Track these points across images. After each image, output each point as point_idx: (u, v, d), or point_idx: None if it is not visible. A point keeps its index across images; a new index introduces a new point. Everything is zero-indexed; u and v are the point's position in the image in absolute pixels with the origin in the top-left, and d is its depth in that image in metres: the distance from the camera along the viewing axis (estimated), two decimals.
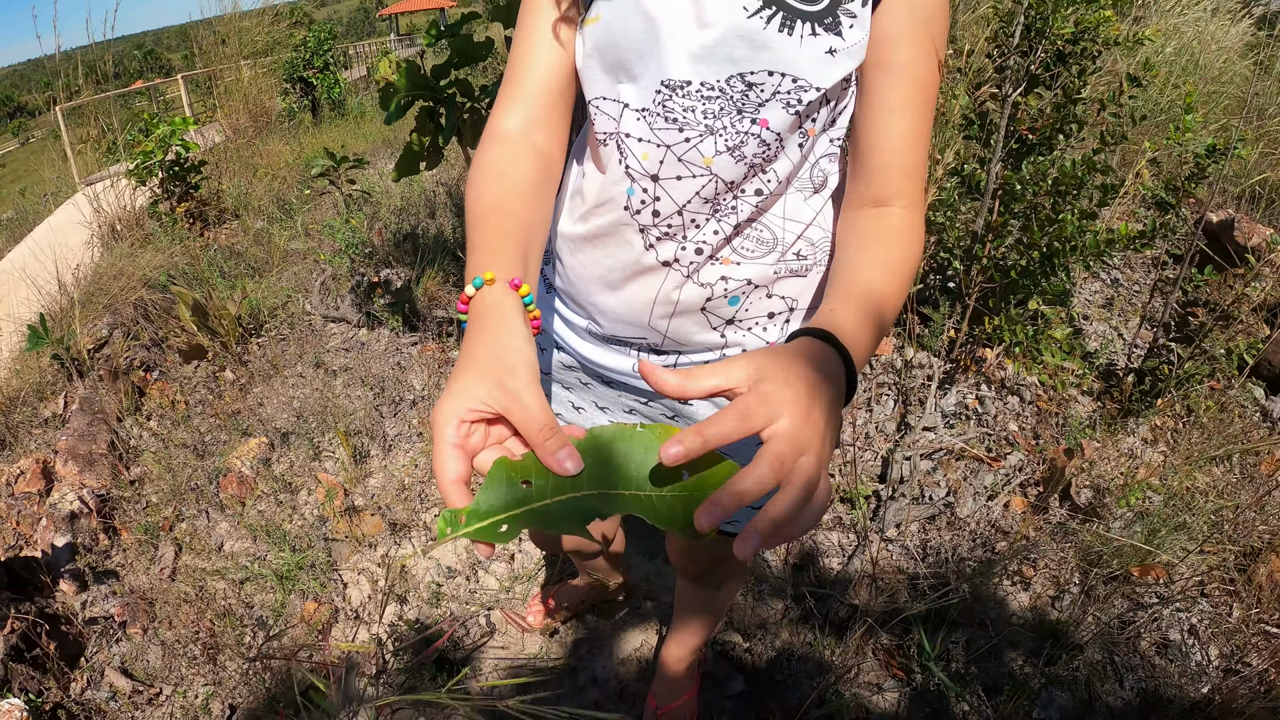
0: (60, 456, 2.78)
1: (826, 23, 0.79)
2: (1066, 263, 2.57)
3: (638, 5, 0.82)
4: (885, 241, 0.85)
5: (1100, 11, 2.45)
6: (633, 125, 0.85)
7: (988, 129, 2.73)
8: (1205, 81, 5.29)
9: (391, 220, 4.67)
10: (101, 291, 3.96)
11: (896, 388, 2.82)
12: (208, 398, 3.25)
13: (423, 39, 2.77)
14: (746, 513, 1.10)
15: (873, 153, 0.86)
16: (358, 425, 2.87)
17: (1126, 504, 2.15)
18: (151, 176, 5.38)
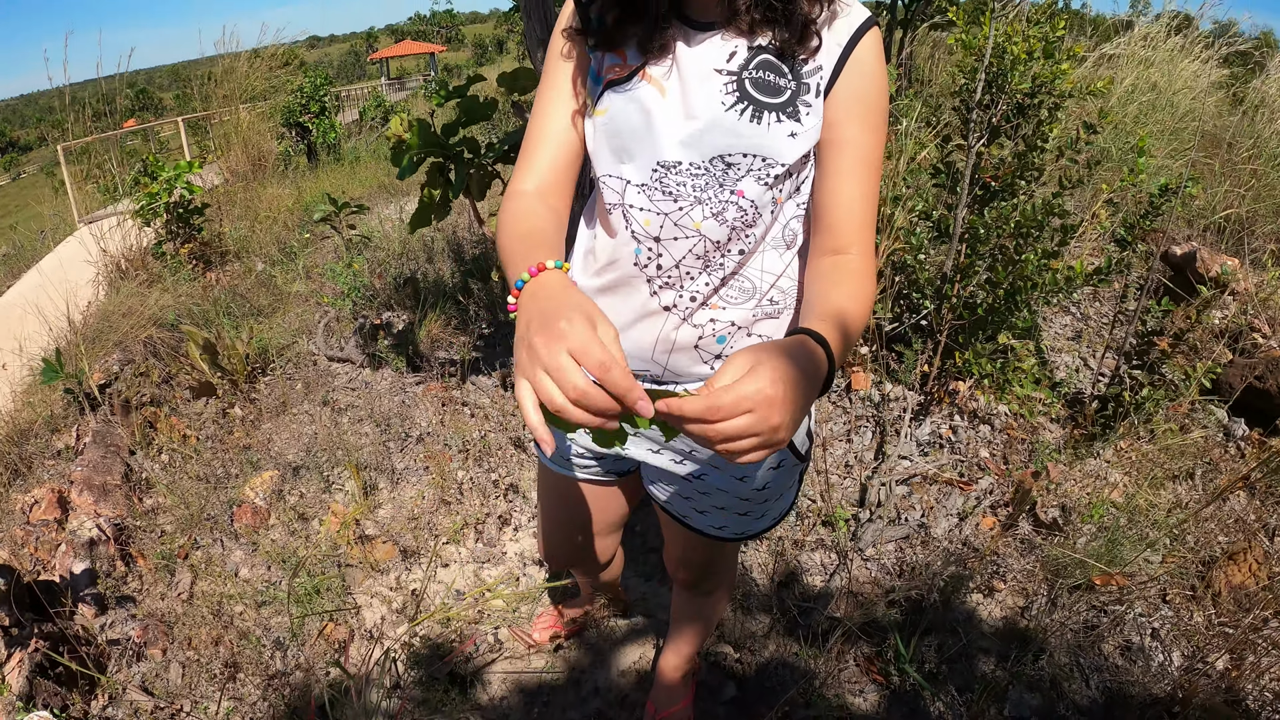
0: (75, 486, 2.90)
1: (788, 112, 1.02)
2: (1030, 300, 2.77)
3: (638, 101, 1.06)
4: (849, 280, 1.05)
5: (1057, 66, 2.68)
6: (635, 197, 1.08)
7: (954, 177, 2.94)
8: (1173, 119, 5.57)
9: (392, 265, 4.84)
10: (111, 329, 4.10)
11: (874, 420, 2.99)
12: (217, 433, 3.38)
13: (433, 100, 2.97)
14: (734, 518, 1.28)
15: (830, 212, 1.08)
16: (366, 459, 3.01)
17: (1091, 520, 2.32)
18: (156, 218, 5.55)
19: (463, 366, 3.57)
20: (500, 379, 3.45)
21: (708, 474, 1.26)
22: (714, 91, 1.03)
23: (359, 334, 3.98)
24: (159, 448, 3.26)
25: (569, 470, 1.43)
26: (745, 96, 1.02)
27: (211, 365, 3.60)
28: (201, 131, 10.98)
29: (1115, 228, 2.93)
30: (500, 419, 3.18)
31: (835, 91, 1.04)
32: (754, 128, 1.02)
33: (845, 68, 1.04)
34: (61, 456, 3.25)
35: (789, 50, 1.02)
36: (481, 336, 3.87)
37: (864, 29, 1.04)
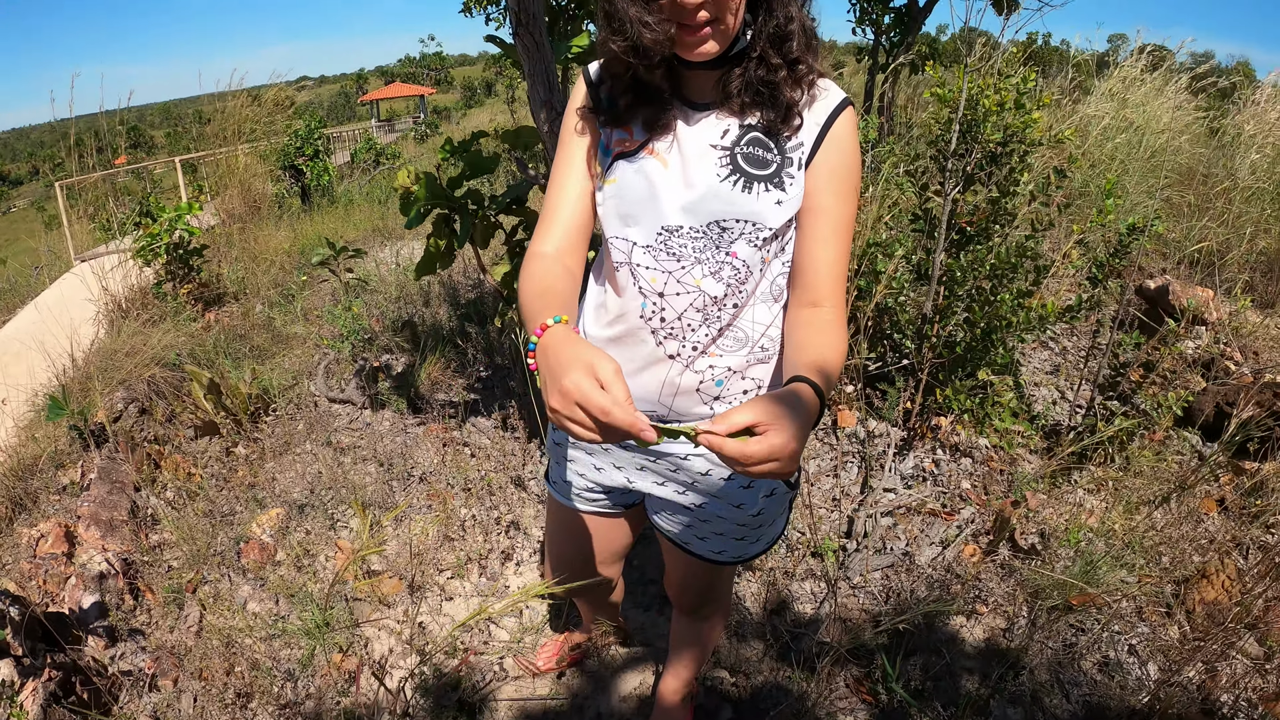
0: (82, 521, 2.98)
1: (774, 182, 1.20)
2: (1005, 338, 2.92)
3: (644, 173, 1.23)
4: (826, 331, 1.22)
5: (1027, 116, 2.84)
6: (641, 258, 1.24)
7: (931, 223, 3.09)
8: (1150, 155, 5.79)
9: (390, 308, 4.95)
10: (115, 367, 4.18)
11: (860, 455, 3.11)
12: (221, 471, 3.46)
13: (438, 153, 3.11)
14: (732, 543, 1.41)
15: (808, 271, 1.25)
16: (369, 497, 3.10)
17: (1068, 544, 2.44)
18: (157, 258, 5.66)
19: (462, 408, 3.67)
20: (500, 420, 3.55)
21: (708, 503, 1.40)
22: (710, 164, 1.20)
23: (359, 376, 4.08)
24: (163, 485, 3.34)
25: (577, 502, 1.55)
26: (737, 169, 1.19)
27: (215, 405, 3.69)
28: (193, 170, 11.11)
29: (1088, 266, 3.09)
30: (500, 459, 3.28)
31: (814, 164, 1.21)
32: (745, 196, 1.19)
33: (823, 144, 1.21)
34: (67, 492, 3.31)
35: (775, 128, 1.20)
36: (479, 379, 3.98)
37: (839, 109, 1.23)
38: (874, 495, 2.85)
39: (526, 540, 2.85)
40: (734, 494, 1.37)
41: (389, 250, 6.62)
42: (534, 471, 3.18)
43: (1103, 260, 3.00)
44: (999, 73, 3.08)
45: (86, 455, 3.46)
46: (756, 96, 1.20)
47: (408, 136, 27.32)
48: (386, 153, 15.04)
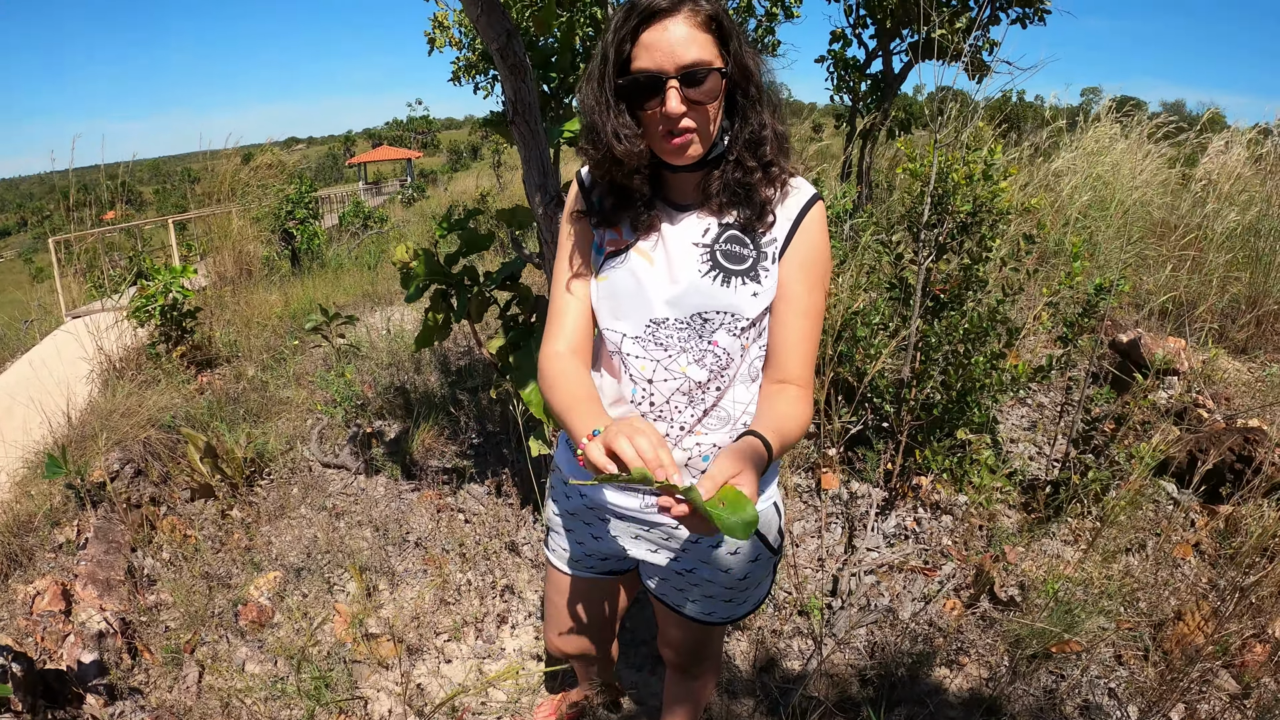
0: (79, 580, 3.03)
1: (751, 275, 1.34)
2: (979, 399, 3.06)
3: (631, 271, 1.38)
4: (791, 404, 1.35)
5: (995, 186, 3.02)
6: (631, 347, 1.39)
7: (907, 291, 3.25)
8: (1121, 209, 6.01)
9: (382, 375, 5.05)
10: (111, 428, 4.23)
11: (844, 516, 3.21)
12: (217, 534, 3.51)
13: (436, 230, 3.25)
14: (721, 605, 1.52)
15: (779, 352, 1.39)
16: (366, 562, 3.16)
17: (1047, 595, 2.55)
18: (151, 319, 5.75)
19: (456, 475, 3.76)
20: (493, 487, 3.63)
21: (698, 569, 1.52)
22: (692, 261, 1.34)
23: (353, 442, 4.16)
24: (159, 546, 3.38)
25: (577, 569, 1.66)
26: (717, 265, 1.34)
27: (211, 469, 3.75)
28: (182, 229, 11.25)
29: (1058, 326, 3.26)
30: (494, 524, 3.36)
31: (786, 257, 1.36)
32: (724, 290, 1.33)
33: (794, 237, 1.36)
34: (63, 550, 3.35)
35: (751, 225, 1.35)
36: (472, 446, 4.07)
37: (809, 205, 1.37)
38: (858, 554, 2.95)
39: (521, 604, 2.92)
40: (722, 559, 1.49)
41: (379, 315, 6.72)
42: (527, 537, 3.25)
43: (1072, 320, 3.15)
44: (967, 146, 3.26)
45: (82, 514, 3.51)
46: (734, 197, 1.34)
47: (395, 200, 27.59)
48: (374, 216, 15.25)
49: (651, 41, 1.24)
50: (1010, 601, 2.67)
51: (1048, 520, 3.07)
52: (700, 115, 1.26)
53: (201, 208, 10.04)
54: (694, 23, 1.24)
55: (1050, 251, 5.83)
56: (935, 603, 2.72)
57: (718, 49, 1.27)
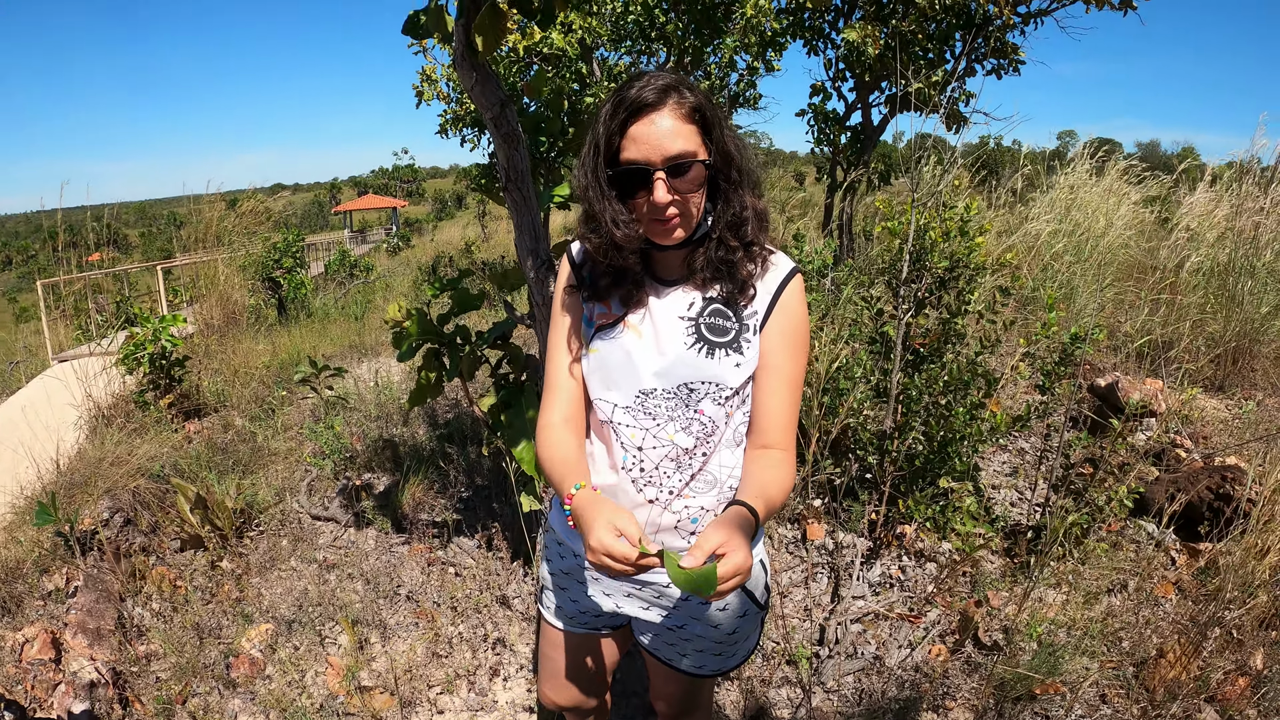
0: (69, 629, 3.04)
1: (734, 347, 1.43)
2: (960, 449, 3.15)
3: (621, 345, 1.46)
4: (773, 468, 1.43)
5: (971, 242, 3.14)
6: (621, 417, 1.47)
7: (887, 345, 3.35)
8: (1099, 253, 6.16)
9: (370, 427, 5.09)
10: (101, 476, 4.25)
11: (829, 566, 3.27)
12: (207, 585, 3.52)
13: (427, 290, 3.34)
14: (711, 658, 1.57)
15: (762, 419, 1.48)
16: (357, 614, 3.19)
17: (1030, 638, 2.60)
18: (139, 367, 5.78)
19: (446, 528, 3.80)
20: (483, 541, 3.67)
21: (689, 625, 1.58)
22: (678, 334, 1.43)
23: (342, 494, 4.19)
24: (149, 596, 3.39)
25: (571, 625, 1.72)
26: (701, 338, 1.43)
27: (201, 519, 3.77)
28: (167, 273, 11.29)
29: (1036, 375, 3.36)
30: (485, 578, 3.39)
31: (767, 328, 1.45)
32: (709, 361, 1.42)
33: (775, 310, 1.45)
34: (52, 598, 3.36)
35: (733, 299, 1.44)
36: (461, 500, 4.11)
37: (788, 279, 1.47)
38: (843, 603, 3.01)
39: (513, 656, 2.95)
40: (711, 616, 1.56)
41: (366, 367, 6.78)
42: (518, 590, 3.29)
43: (1049, 369, 3.26)
44: (944, 204, 3.39)
45: (72, 562, 3.52)
46: (717, 273, 1.43)
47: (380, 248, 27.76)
48: (360, 265, 15.34)
49: (639, 134, 1.33)
50: (994, 645, 2.73)
51: (1030, 565, 3.14)
52: (685, 202, 1.36)
53: (187, 252, 10.10)
54: (678, 115, 1.33)
55: (1028, 298, 5.99)
56: (921, 649, 2.78)
57: (701, 139, 1.36)
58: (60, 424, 5.47)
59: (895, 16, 7.77)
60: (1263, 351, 5.15)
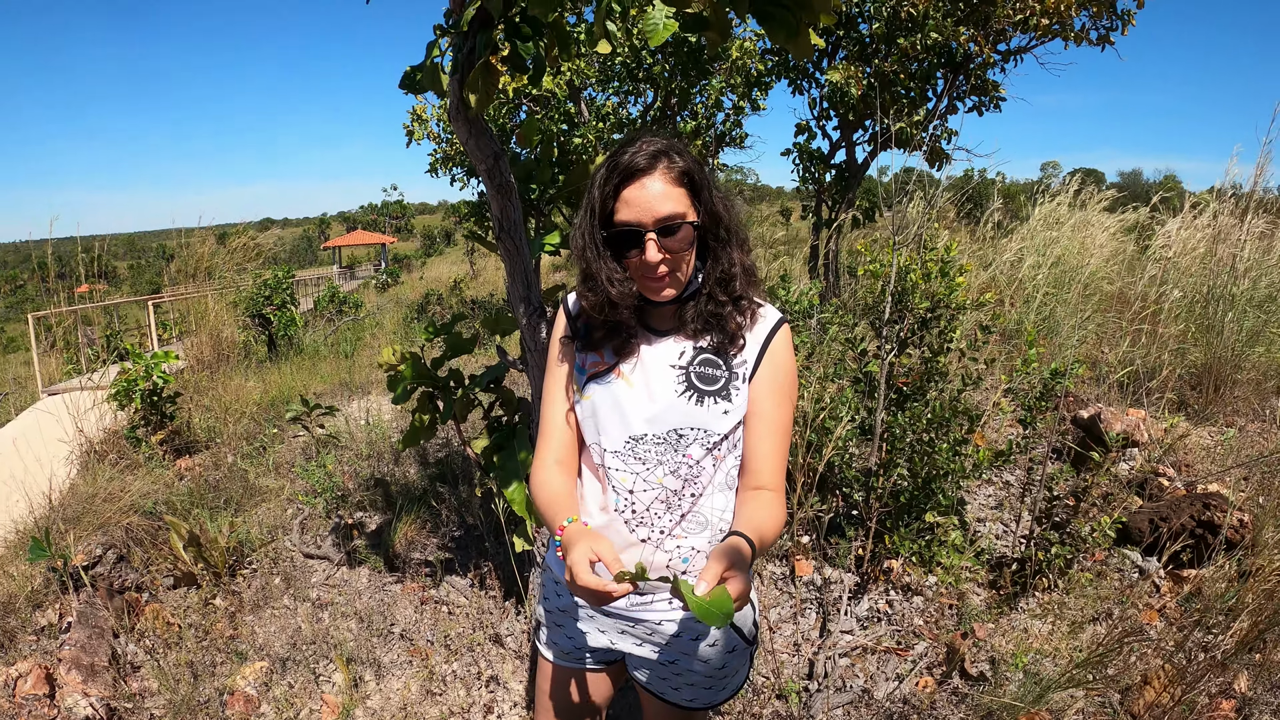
0: (63, 665, 3.07)
1: (723, 394, 1.52)
2: (944, 485, 3.22)
3: (612, 393, 1.55)
4: (765, 507, 1.50)
5: (951, 282, 3.23)
6: (612, 461, 1.55)
7: (872, 384, 3.43)
8: (1081, 284, 6.25)
9: (362, 465, 5.14)
10: (94, 512, 4.27)
11: (818, 601, 3.32)
12: (201, 622, 3.55)
13: (421, 335, 3.43)
14: (701, 691, 1.62)
15: (753, 462, 1.55)
16: (351, 653, 3.23)
17: (1016, 668, 2.66)
18: (131, 403, 5.81)
19: (438, 567, 3.84)
20: (475, 579, 3.71)
21: (680, 660, 1.64)
22: (669, 382, 1.52)
23: (335, 533, 4.23)
24: (142, 632, 3.41)
25: (567, 661, 1.78)
26: (691, 386, 1.51)
27: (195, 557, 3.80)
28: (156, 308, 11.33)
29: (1016, 410, 3.44)
30: (477, 616, 3.44)
31: (757, 377, 1.53)
32: (698, 409, 1.50)
33: (763, 360, 1.54)
34: (45, 634, 3.37)
35: (723, 349, 1.52)
36: (453, 539, 4.16)
37: (776, 329, 1.55)
38: (832, 638, 3.06)
39: (506, 694, 2.98)
40: (702, 651, 1.62)
41: (357, 405, 6.82)
42: (511, 628, 3.33)
43: (1030, 404, 3.34)
44: (924, 245, 3.49)
45: (65, 598, 3.53)
46: (707, 324, 1.52)
47: (369, 284, 27.86)
48: (349, 301, 15.41)
49: (631, 198, 1.43)
50: (980, 676, 2.78)
51: (1015, 596, 3.20)
52: (676, 260, 1.46)
53: (176, 286, 10.16)
54: (668, 179, 1.44)
55: (1011, 330, 6.10)
56: (908, 681, 2.83)
57: (690, 201, 1.46)
58: (52, 458, 5.50)
59: (878, 57, 7.95)
60: (1244, 378, 5.23)
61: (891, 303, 3.28)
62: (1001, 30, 7.67)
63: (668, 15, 1.71)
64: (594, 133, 7.78)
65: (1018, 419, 3.42)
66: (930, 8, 7.33)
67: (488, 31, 2.03)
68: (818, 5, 1.78)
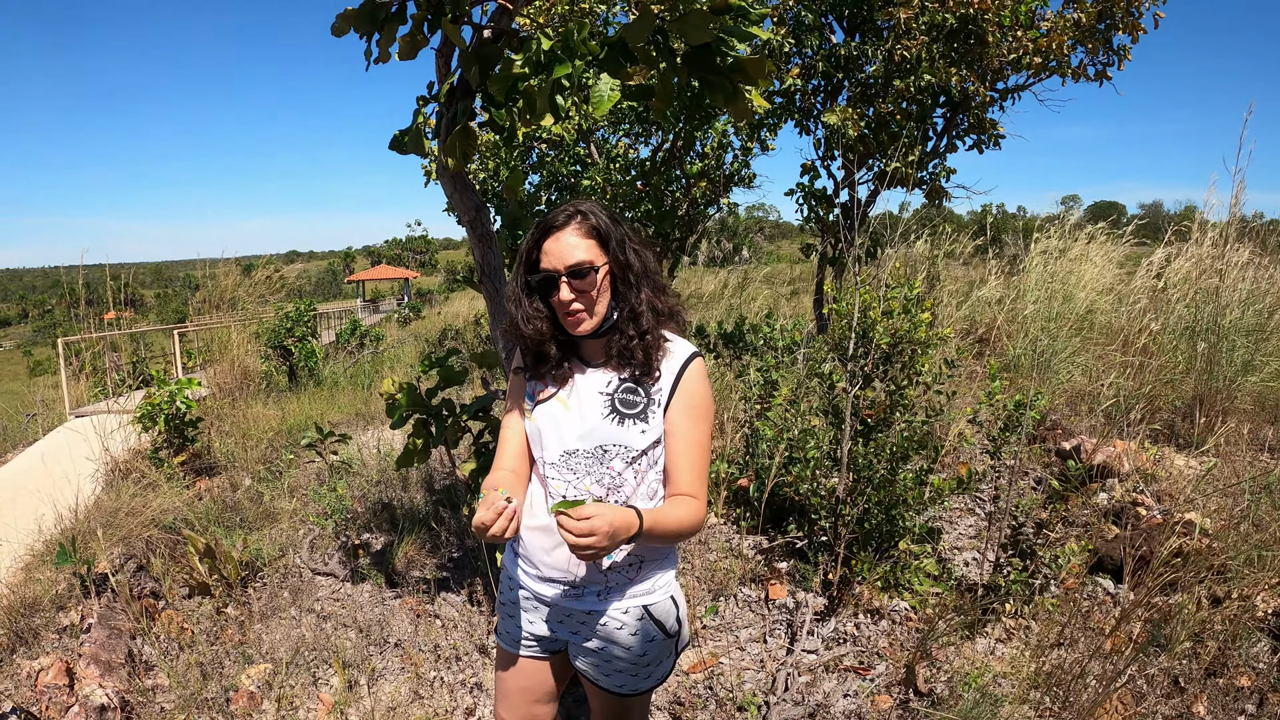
0: (83, 660, 3.34)
1: (641, 417, 1.80)
2: (904, 514, 3.41)
3: (551, 414, 1.86)
4: (675, 504, 1.79)
5: (915, 319, 3.44)
6: (550, 471, 1.86)
7: (839, 416, 3.64)
8: (1077, 316, 6.42)
9: (371, 491, 5.42)
10: (116, 525, 4.57)
11: (788, 624, 3.52)
12: (212, 629, 3.81)
13: (418, 366, 3.75)
14: (629, 679, 1.85)
15: (674, 475, 1.83)
16: (349, 658, 3.49)
17: (971, 688, 2.82)
18: (155, 425, 6.13)
19: (434, 584, 4.11)
20: (468, 596, 3.98)
21: (606, 647, 1.90)
22: (597, 406, 1.80)
23: (342, 551, 4.49)
24: (157, 635, 3.68)
25: (517, 649, 2.03)
26: (615, 410, 1.81)
27: (210, 568, 4.07)
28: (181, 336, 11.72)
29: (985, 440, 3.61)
30: (467, 628, 3.69)
31: (672, 404, 1.82)
32: (619, 429, 1.80)
33: (677, 389, 1.81)
34: (67, 633, 3.64)
35: (642, 380, 1.82)
36: (451, 559, 4.43)
37: (688, 363, 1.82)
38: (794, 655, 3.26)
39: (488, 699, 3.23)
40: (622, 638, 1.88)
41: (370, 434, 7.11)
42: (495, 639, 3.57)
43: (994, 435, 3.52)
44: (886, 285, 3.70)
45: (86, 601, 3.81)
46: (622, 356, 1.80)
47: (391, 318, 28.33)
48: (371, 335, 15.77)
49: (549, 248, 1.76)
50: (932, 694, 2.95)
51: (983, 620, 3.37)
52: (587, 300, 1.76)
53: (201, 315, 10.52)
54: (579, 233, 1.76)
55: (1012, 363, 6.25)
56: (865, 698, 3.02)
57: (599, 250, 1.77)
58: (79, 474, 5.82)
59: (878, 98, 8.17)
60: (1235, 407, 5.28)
61: (855, 338, 3.51)
62: (998, 69, 7.83)
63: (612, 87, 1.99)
64: (603, 175, 8.06)
65: (985, 450, 3.59)
66: (923, 50, 7.54)
67: (467, 100, 2.31)
68: (753, 73, 2.07)
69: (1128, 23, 7.60)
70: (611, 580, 1.85)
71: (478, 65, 2.22)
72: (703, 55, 2.04)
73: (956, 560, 4.02)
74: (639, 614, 1.86)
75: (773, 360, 4.42)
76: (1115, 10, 7.55)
